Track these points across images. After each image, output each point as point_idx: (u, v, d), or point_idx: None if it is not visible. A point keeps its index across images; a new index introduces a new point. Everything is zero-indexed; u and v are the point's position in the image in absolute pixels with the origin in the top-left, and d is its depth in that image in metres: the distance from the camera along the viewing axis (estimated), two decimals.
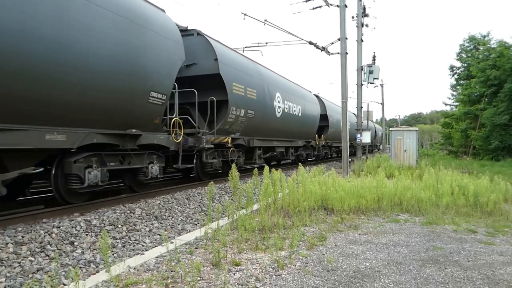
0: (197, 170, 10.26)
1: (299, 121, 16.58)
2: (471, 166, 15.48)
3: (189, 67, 9.99)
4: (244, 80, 11.12)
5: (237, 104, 10.56)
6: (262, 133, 12.91)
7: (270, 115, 13.10)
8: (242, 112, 10.85)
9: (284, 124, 14.76)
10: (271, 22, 15.21)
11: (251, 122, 11.54)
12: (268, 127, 13.17)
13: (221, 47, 10.64)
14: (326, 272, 3.93)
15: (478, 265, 4.20)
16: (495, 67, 24.09)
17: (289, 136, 15.89)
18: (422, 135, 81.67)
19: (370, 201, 7.22)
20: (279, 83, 14.83)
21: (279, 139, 14.74)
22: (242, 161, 11.83)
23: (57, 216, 5.73)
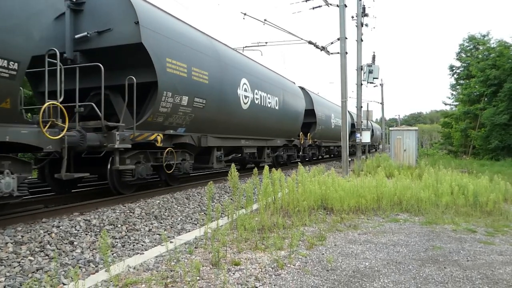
0: (111, 180, 7.35)
1: (276, 115, 13.92)
2: (471, 166, 15.49)
3: (102, 35, 7.31)
4: (189, 57, 8.32)
5: (175, 89, 7.78)
6: (222, 129, 10.27)
7: (231, 106, 10.34)
8: (184, 100, 8.11)
9: (255, 119, 12.02)
10: (270, 22, 15.22)
11: (201, 114, 8.88)
12: (229, 122, 10.47)
13: (149, 7, 7.76)
14: (326, 271, 3.94)
15: (478, 264, 4.21)
16: (495, 67, 24.12)
17: (263, 134, 13.25)
18: (421, 135, 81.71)
19: (369, 200, 7.22)
20: (247, 67, 11.79)
21: (248, 137, 12.04)
22: (187, 166, 8.96)
23: (56, 215, 5.73)
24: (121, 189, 7.57)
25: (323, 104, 21.73)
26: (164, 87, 7.47)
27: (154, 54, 7.23)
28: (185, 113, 8.38)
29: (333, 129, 22.88)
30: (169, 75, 7.62)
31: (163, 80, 7.43)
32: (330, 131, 22.48)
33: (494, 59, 24.53)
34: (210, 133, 9.67)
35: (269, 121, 13.36)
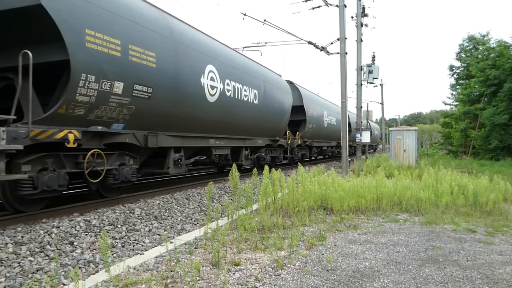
0: (3, 193, 5.57)
1: (256, 111, 11.89)
2: (471, 166, 15.49)
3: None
4: (124, 32, 6.36)
5: (101, 71, 5.88)
6: (183, 127, 8.42)
7: (193, 98, 8.39)
8: (118, 87, 6.18)
9: (226, 114, 10.07)
10: (270, 22, 15.23)
11: (147, 106, 6.99)
12: (191, 117, 8.56)
13: None
14: (326, 272, 3.94)
15: (478, 264, 4.21)
16: (495, 67, 24.12)
17: (239, 132, 11.27)
18: (421, 135, 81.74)
19: (369, 200, 7.22)
20: (214, 52, 9.63)
21: (219, 136, 10.15)
22: (128, 173, 6.98)
23: (56, 216, 5.73)
24: (20, 205, 5.72)
25: (314, 101, 19.73)
26: (82, 68, 5.54)
27: (64, 22, 5.30)
28: (121, 104, 6.35)
29: (325, 128, 21.22)
30: (90, 52, 5.67)
31: (80, 58, 5.51)
32: (322, 130, 20.72)
33: (494, 59, 24.54)
34: (164, 130, 7.81)
35: (246, 118, 11.36)
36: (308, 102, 17.98)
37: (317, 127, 19.55)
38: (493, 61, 24.58)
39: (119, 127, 6.72)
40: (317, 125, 19.29)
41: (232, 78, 10.35)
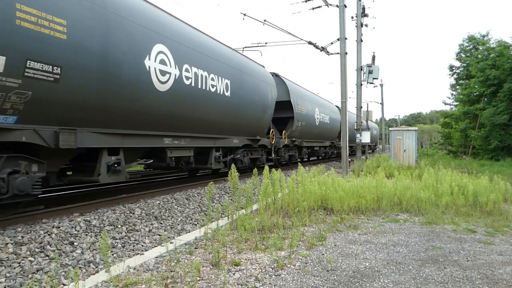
0: None
1: (228, 104, 10.07)
2: (471, 166, 15.50)
3: None
4: None
5: None
6: (122, 122, 6.64)
7: (133, 83, 6.60)
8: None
9: (185, 107, 8.20)
10: (270, 22, 15.22)
11: (55, 92, 5.26)
12: (133, 110, 6.77)
13: None
14: (326, 272, 3.94)
15: (478, 264, 4.21)
16: (495, 67, 24.14)
17: (206, 130, 9.42)
18: (421, 135, 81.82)
19: (369, 201, 7.22)
20: (167, 29, 7.69)
21: (177, 135, 8.27)
22: (24, 184, 5.10)
23: (56, 216, 5.73)
24: None
25: (303, 96, 17.64)
26: None
27: None
28: (4, 88, 4.60)
29: (317, 126, 19.24)
30: None
31: None
32: (314, 128, 18.81)
33: (494, 59, 24.56)
34: (90, 126, 6.05)
35: (216, 112, 9.55)
36: (296, 97, 16.01)
37: (307, 126, 17.47)
38: (493, 61, 24.60)
39: (8, 120, 4.85)
40: (307, 123, 17.21)
41: (193, 63, 8.35)
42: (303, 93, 17.95)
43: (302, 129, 16.99)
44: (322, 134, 20.92)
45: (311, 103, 18.53)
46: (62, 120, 5.59)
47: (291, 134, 15.81)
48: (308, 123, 17.57)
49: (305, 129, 17.36)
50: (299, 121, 16.38)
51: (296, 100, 16.11)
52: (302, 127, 16.88)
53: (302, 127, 16.94)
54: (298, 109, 16.13)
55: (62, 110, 5.51)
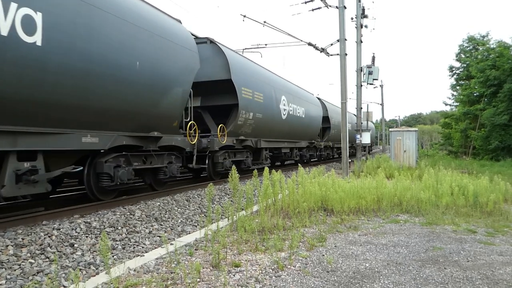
0: None
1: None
2: (471, 166, 15.49)
3: None
4: None
5: None
6: None
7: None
8: None
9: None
10: (270, 24, 15.24)
11: None
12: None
13: None
14: (326, 273, 3.94)
15: (478, 265, 4.21)
16: (495, 67, 24.14)
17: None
18: (422, 136, 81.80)
19: (369, 201, 7.22)
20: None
21: None
22: None
23: (57, 218, 5.73)
24: None
25: (335, 111, 21.36)
26: None
27: None
28: None
29: (284, 121, 22.00)
30: None
31: None
32: (277, 124, 20.53)
33: (494, 59, 24.56)
34: None
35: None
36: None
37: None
38: (493, 61, 24.60)
39: None
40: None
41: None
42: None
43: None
44: (293, 132, 16.87)
45: (273, 87, 14.02)
46: None
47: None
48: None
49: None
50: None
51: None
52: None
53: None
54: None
55: None
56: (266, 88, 13.10)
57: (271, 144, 14.14)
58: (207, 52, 10.38)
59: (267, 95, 13.00)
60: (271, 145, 14.16)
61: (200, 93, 10.60)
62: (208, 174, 10.81)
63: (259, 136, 12.94)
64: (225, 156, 10.94)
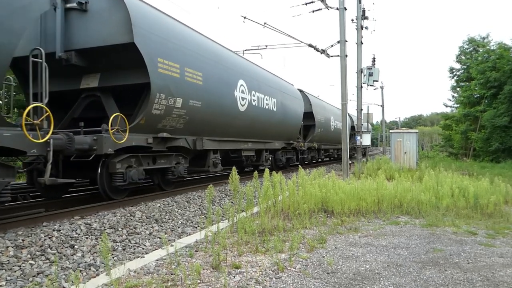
0: None
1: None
2: (471, 168, 15.48)
3: None
4: None
5: None
6: None
7: None
8: None
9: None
10: (270, 25, 15.27)
11: None
12: None
13: None
14: (326, 274, 3.94)
15: (478, 267, 4.20)
16: (495, 69, 24.15)
17: None
18: (422, 137, 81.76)
19: (370, 203, 7.22)
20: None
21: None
22: None
23: (57, 219, 5.73)
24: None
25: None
26: None
27: None
28: None
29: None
30: None
31: None
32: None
33: (494, 61, 24.58)
34: None
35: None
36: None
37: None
38: (493, 63, 24.62)
39: None
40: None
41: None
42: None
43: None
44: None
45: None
46: None
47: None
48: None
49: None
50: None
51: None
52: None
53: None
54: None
55: None
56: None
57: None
58: (101, 3, 7.16)
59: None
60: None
61: (100, 68, 7.58)
62: (101, 190, 7.08)
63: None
64: (131, 163, 7.32)
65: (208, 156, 10.01)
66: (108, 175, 7.06)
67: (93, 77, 7.66)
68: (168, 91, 7.60)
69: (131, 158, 7.34)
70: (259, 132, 12.73)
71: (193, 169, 10.06)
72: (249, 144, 12.08)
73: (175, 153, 8.73)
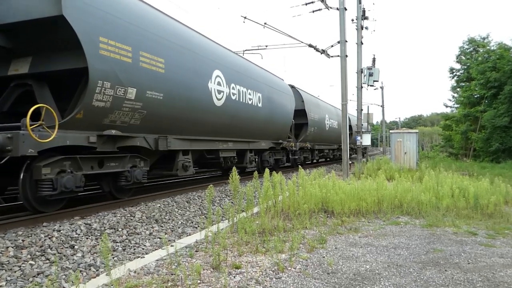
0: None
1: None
2: (472, 168, 15.48)
3: None
4: None
5: None
6: None
7: None
8: None
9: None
10: (271, 25, 15.27)
11: None
12: None
13: None
14: (326, 274, 3.94)
15: (479, 267, 4.20)
16: (495, 69, 24.15)
17: None
18: (422, 137, 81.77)
19: (370, 203, 7.22)
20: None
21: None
22: None
23: (57, 219, 5.73)
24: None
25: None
26: None
27: None
28: None
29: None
30: None
31: None
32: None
33: (494, 61, 24.58)
34: None
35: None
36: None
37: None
38: (493, 63, 24.62)
39: None
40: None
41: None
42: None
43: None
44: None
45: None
46: None
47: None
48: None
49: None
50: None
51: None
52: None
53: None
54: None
55: None
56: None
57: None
58: None
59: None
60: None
61: (32, 50, 6.27)
62: (24, 200, 5.74)
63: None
64: (64, 167, 5.93)
65: (176, 158, 8.53)
66: (33, 182, 5.61)
67: (24, 62, 6.24)
68: (115, 78, 6.19)
69: (64, 161, 5.89)
70: (241, 130, 11.31)
71: (159, 173, 8.88)
72: (229, 144, 10.68)
73: (131, 154, 7.23)
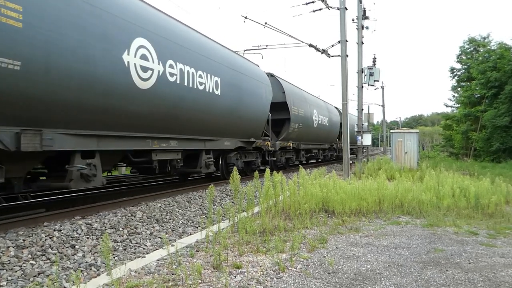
0: None
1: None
2: (472, 168, 15.47)
3: None
4: None
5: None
6: None
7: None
8: None
9: None
10: (271, 25, 15.27)
11: None
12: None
13: None
14: (327, 274, 3.93)
15: (479, 267, 4.20)
16: (496, 69, 24.14)
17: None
18: (423, 137, 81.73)
19: (371, 203, 7.21)
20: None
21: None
22: None
23: (58, 219, 5.73)
24: None
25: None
26: None
27: None
28: None
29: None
30: None
31: None
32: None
33: (495, 61, 24.57)
34: None
35: None
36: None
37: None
38: (494, 63, 24.61)
39: None
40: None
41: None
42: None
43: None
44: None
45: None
46: None
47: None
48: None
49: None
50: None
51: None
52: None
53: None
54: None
55: None
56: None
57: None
58: None
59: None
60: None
61: None
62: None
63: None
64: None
65: (70, 162, 5.85)
66: None
67: None
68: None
69: None
70: (191, 124, 8.68)
71: (44, 185, 6.37)
72: (171, 143, 8.08)
73: None
